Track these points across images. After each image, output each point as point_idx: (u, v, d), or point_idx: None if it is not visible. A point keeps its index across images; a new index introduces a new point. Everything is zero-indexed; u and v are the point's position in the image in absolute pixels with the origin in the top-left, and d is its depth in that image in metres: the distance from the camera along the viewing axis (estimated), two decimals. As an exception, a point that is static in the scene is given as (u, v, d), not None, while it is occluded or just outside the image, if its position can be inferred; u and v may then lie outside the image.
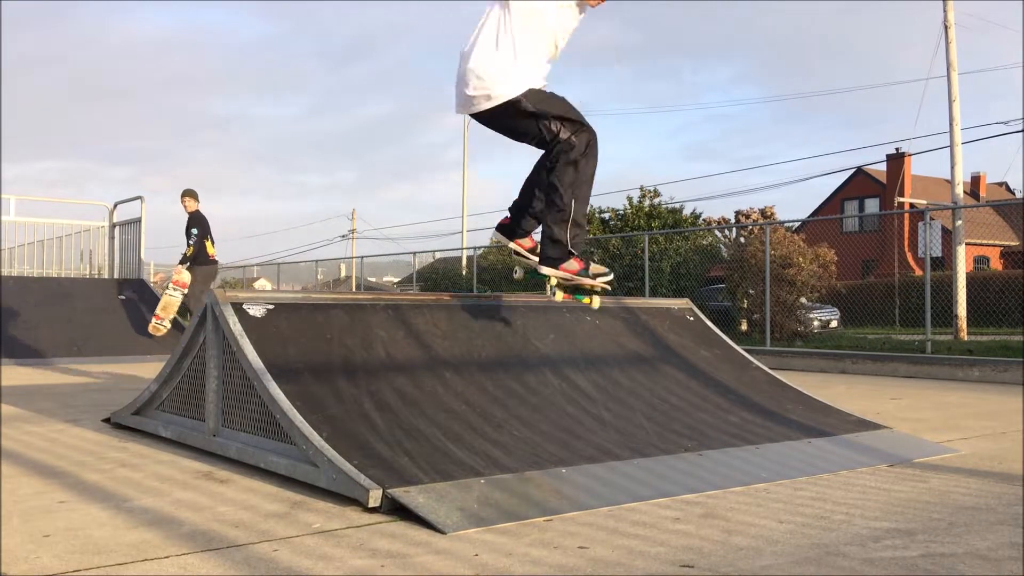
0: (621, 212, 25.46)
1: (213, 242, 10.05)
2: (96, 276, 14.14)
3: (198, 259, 9.89)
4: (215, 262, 10.14)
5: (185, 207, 10.04)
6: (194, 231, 9.90)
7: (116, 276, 13.94)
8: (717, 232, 19.10)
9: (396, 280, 40.13)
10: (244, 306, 3.87)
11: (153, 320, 10.23)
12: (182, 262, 9.94)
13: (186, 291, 10.00)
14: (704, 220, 24.41)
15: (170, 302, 10.10)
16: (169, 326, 10.19)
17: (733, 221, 19.36)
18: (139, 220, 13.53)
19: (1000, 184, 43.41)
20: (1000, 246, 36.58)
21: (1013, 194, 42.76)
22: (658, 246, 17.67)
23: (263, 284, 34.71)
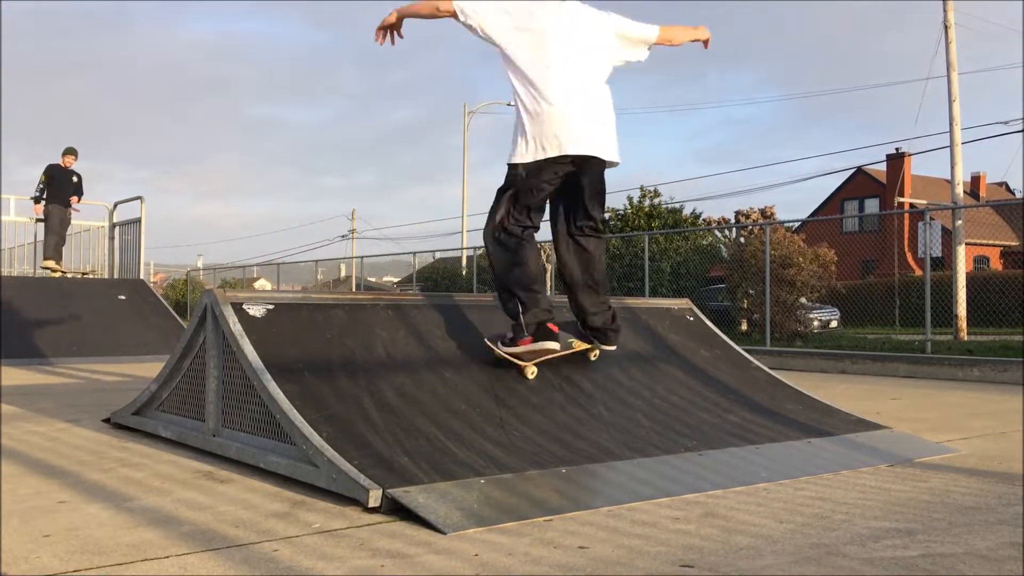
0: (621, 212, 25.46)
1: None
2: (95, 276, 14.13)
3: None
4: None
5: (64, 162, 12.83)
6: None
7: (115, 276, 13.95)
8: (717, 232, 19.10)
9: (396, 280, 40.12)
10: (244, 306, 3.87)
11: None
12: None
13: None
14: (704, 220, 24.39)
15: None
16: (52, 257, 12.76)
17: (733, 221, 19.35)
18: (139, 220, 13.54)
19: (1000, 184, 43.42)
20: (1000, 246, 36.58)
21: (1013, 194, 42.77)
22: (658, 246, 17.67)
23: (263, 284, 34.71)
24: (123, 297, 11.85)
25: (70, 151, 12.87)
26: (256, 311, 3.88)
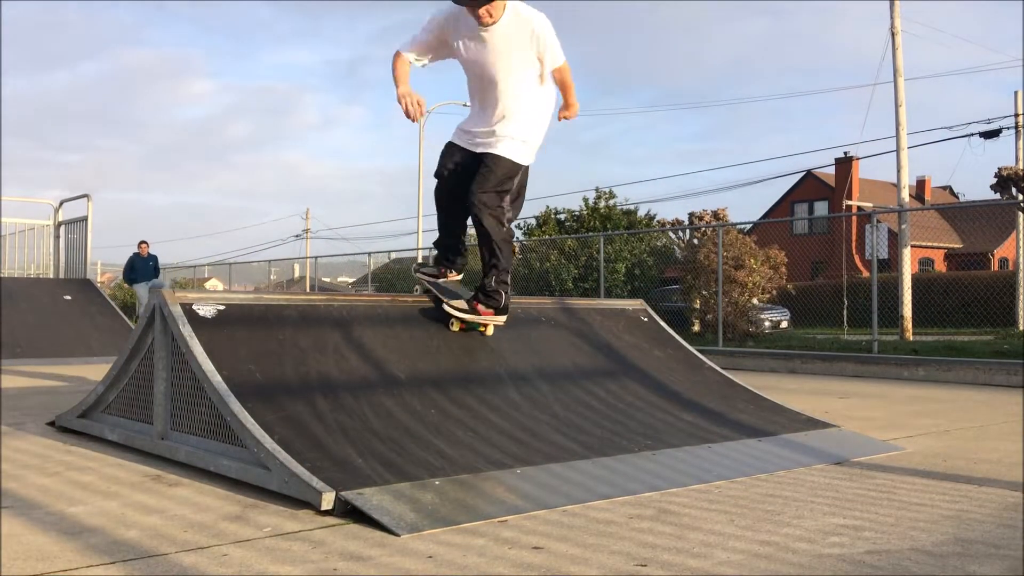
0: (577, 213, 25.57)
1: None
2: (41, 276, 13.80)
3: None
4: None
5: None
6: None
7: (62, 276, 13.63)
8: (671, 234, 19.29)
9: (351, 280, 39.79)
10: (194, 307, 3.80)
11: None
12: None
13: None
14: (658, 222, 24.61)
15: None
16: None
17: (686, 223, 19.56)
18: (85, 219, 13.25)
19: (945, 188, 44.46)
20: (944, 248, 37.51)
21: (957, 198, 43.83)
22: (613, 247, 17.78)
23: (214, 284, 34.18)
24: (69, 297, 11.58)
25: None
26: (206, 312, 3.81)
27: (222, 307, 3.89)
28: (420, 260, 5.25)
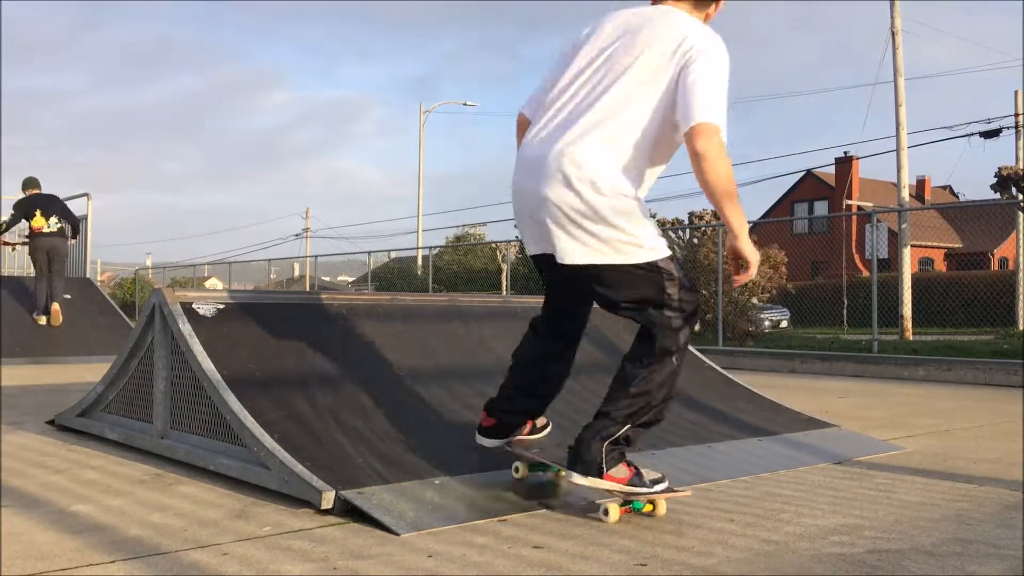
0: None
1: (43, 216, 11.02)
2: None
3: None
4: (41, 234, 10.98)
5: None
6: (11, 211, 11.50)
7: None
8: (671, 233, 19.29)
9: (351, 280, 39.82)
10: (194, 305, 3.80)
11: None
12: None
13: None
14: (658, 222, 24.62)
15: None
16: None
17: (686, 222, 19.55)
18: (85, 218, 13.25)
19: (944, 188, 44.46)
20: (944, 248, 37.53)
21: (957, 197, 43.82)
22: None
23: (214, 283, 34.23)
24: (69, 296, 11.56)
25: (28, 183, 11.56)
26: (206, 311, 3.81)
27: (221, 306, 3.88)
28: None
